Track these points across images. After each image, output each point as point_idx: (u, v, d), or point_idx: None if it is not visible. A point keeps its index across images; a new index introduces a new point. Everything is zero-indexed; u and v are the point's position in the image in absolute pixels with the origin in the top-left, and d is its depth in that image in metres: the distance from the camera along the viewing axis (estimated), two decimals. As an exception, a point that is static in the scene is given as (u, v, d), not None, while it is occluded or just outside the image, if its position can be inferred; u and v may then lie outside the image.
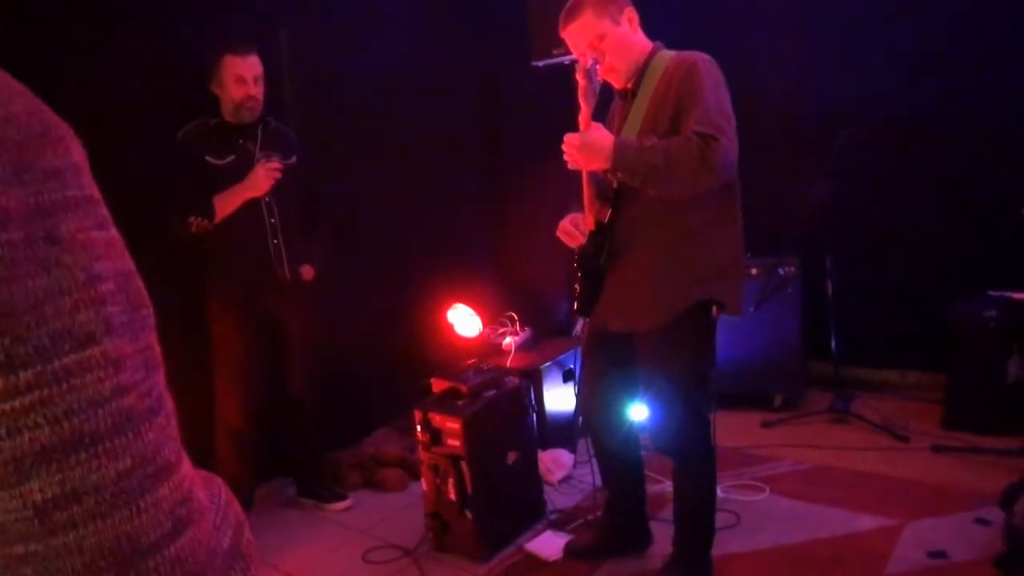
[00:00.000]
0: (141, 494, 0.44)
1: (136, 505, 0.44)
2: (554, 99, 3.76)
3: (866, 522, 2.71)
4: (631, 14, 2.27)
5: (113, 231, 0.49)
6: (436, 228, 4.08)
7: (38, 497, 0.42)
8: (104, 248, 0.48)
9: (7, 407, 0.41)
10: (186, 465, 0.49)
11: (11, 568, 0.43)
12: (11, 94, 0.47)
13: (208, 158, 2.86)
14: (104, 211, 0.50)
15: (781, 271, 3.73)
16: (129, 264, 0.50)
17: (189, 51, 3.00)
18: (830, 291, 3.67)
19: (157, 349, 0.50)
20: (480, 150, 4.49)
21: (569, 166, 2.18)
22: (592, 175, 2.24)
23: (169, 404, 0.49)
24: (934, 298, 3.59)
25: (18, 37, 2.50)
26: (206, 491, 0.51)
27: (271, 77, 3.03)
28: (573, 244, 2.35)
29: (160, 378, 0.49)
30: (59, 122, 0.49)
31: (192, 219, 2.76)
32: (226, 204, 2.84)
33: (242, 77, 2.86)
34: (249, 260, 2.93)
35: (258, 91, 2.91)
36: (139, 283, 0.50)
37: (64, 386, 0.42)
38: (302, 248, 3.08)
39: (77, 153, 0.49)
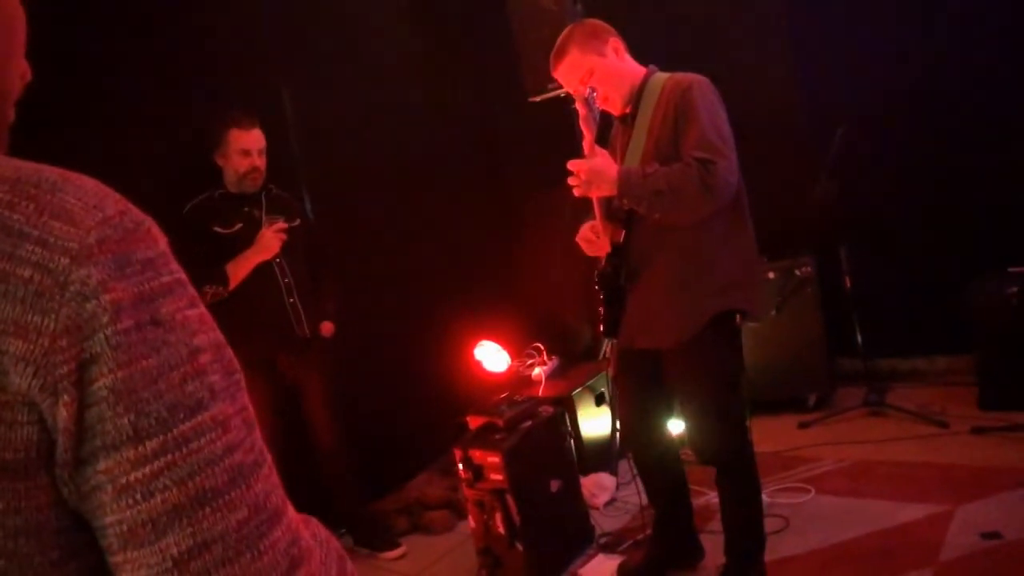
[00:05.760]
0: (259, 538, 0.50)
1: (257, 548, 0.49)
2: (553, 131, 3.84)
3: (915, 511, 2.70)
4: (616, 43, 2.33)
5: (202, 307, 0.56)
6: (452, 269, 4.15)
7: (175, 550, 0.47)
8: (198, 323, 0.54)
9: (140, 474, 0.47)
10: (291, 509, 0.55)
11: None
12: (104, 197, 0.53)
13: (216, 228, 2.96)
14: (192, 290, 0.56)
15: (797, 272, 3.76)
16: (219, 335, 0.56)
17: (192, 119, 3.08)
18: (848, 286, 3.69)
19: (251, 408, 0.56)
20: (486, 188, 4.58)
21: (575, 192, 2.24)
22: (602, 198, 2.30)
23: (268, 456, 0.55)
24: (953, 281, 3.58)
25: (25, 114, 2.56)
26: (308, 531, 0.57)
27: (277, 135, 3.11)
28: (592, 251, 2.41)
29: (258, 433, 0.55)
30: (144, 216, 0.55)
31: (207, 288, 2.83)
32: (239, 270, 2.93)
33: (247, 150, 2.98)
34: (267, 322, 3.01)
35: (262, 162, 3.03)
36: (230, 351, 0.57)
37: (184, 450, 0.48)
38: (317, 305, 3.16)
39: (162, 241, 0.56)
